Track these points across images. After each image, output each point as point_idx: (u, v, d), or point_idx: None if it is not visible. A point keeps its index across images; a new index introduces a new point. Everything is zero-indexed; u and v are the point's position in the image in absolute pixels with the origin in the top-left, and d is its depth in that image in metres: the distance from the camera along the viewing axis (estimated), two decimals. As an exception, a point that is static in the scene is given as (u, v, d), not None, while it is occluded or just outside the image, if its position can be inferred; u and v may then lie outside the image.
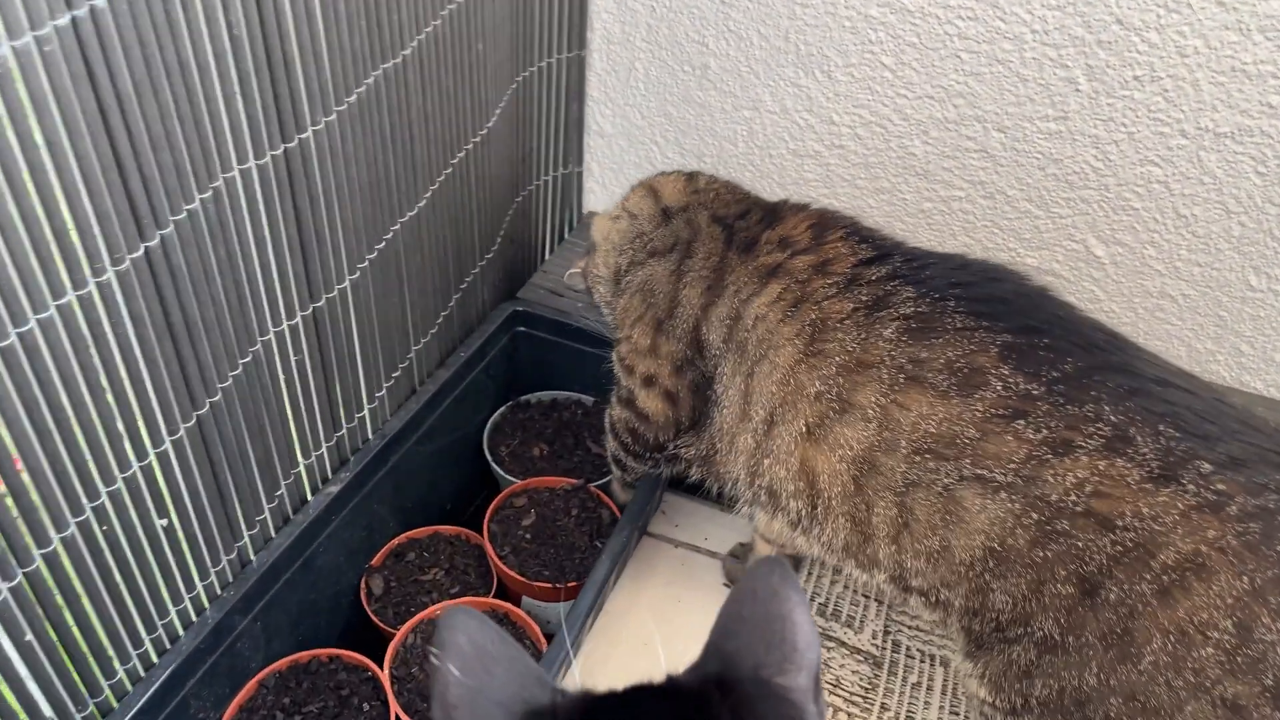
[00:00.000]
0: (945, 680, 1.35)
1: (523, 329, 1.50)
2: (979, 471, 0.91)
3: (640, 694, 0.56)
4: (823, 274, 1.02)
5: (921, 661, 1.36)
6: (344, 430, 1.21)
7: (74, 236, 0.76)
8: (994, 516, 0.91)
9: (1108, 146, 1.33)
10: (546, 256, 1.70)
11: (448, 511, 1.44)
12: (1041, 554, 0.89)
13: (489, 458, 1.43)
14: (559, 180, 1.65)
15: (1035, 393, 0.90)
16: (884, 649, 1.36)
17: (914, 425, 0.94)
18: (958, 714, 1.31)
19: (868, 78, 1.41)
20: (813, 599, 1.42)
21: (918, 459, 0.94)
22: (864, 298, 0.99)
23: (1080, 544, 0.87)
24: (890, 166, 1.47)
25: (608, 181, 1.70)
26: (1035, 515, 0.89)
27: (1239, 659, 0.82)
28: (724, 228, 1.12)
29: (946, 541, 0.94)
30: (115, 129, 0.76)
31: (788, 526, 1.08)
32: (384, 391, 1.27)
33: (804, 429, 1.00)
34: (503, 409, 1.50)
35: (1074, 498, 0.87)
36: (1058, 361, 0.91)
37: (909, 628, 1.40)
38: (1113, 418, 0.87)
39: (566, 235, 1.72)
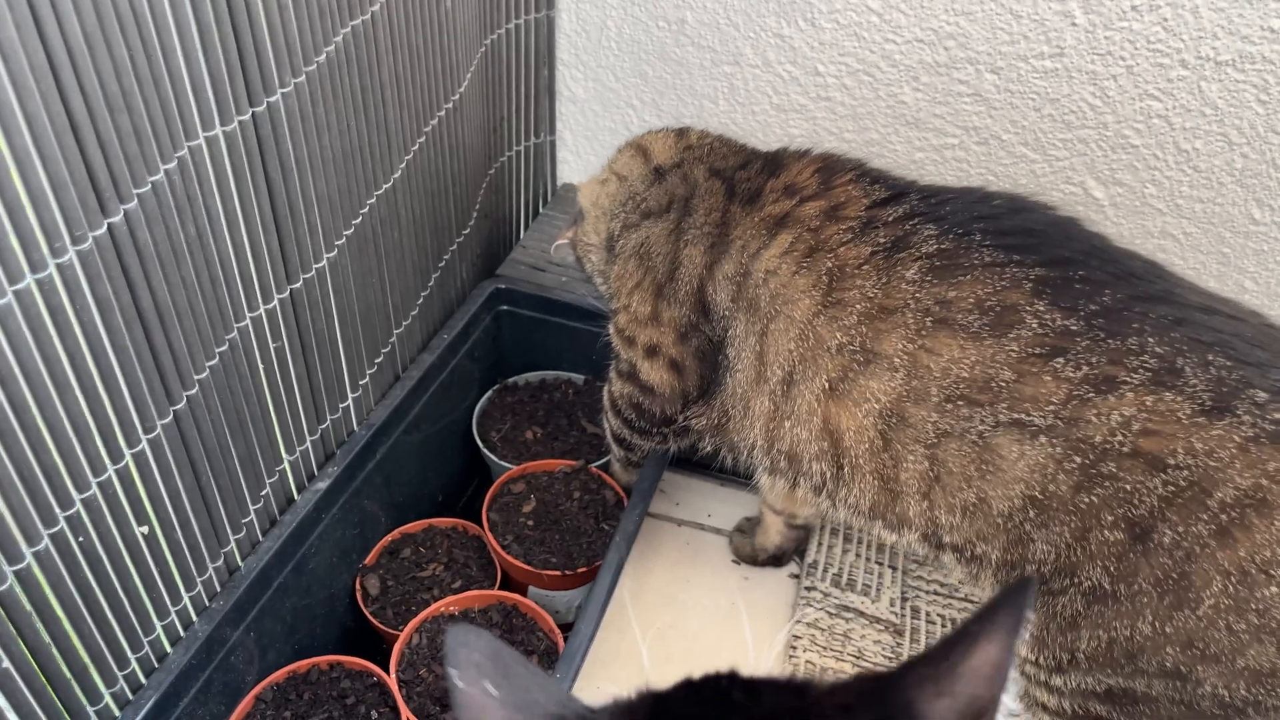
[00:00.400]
0: (969, 643, 1.30)
1: (505, 307, 1.43)
2: (1016, 416, 0.86)
3: (713, 691, 0.48)
4: (835, 219, 0.96)
5: (943, 626, 1.31)
6: (328, 422, 1.13)
7: (29, 211, 0.67)
8: (1033, 463, 0.85)
9: (1105, 82, 1.29)
10: (523, 232, 1.62)
11: (439, 503, 1.36)
12: (1087, 499, 0.84)
13: (480, 444, 1.36)
14: (531, 150, 1.57)
15: (1074, 328, 0.84)
16: (903, 616, 1.31)
17: (945, 371, 0.88)
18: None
19: (853, 24, 1.35)
20: (825, 570, 1.37)
21: (949, 407, 0.88)
22: (882, 240, 0.93)
23: (1129, 486, 0.82)
24: (879, 117, 1.42)
25: (582, 150, 1.63)
26: (1079, 459, 0.84)
27: None
28: (723, 180, 1.05)
29: (983, 493, 0.89)
30: (67, 85, 0.68)
31: (810, 492, 1.02)
32: (367, 379, 1.18)
33: (826, 385, 0.94)
34: (490, 393, 1.42)
35: (1120, 437, 0.82)
36: (1095, 294, 0.85)
37: (926, 592, 1.35)
38: (1158, 349, 0.82)
39: (542, 209, 1.64)
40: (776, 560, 1.38)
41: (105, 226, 0.74)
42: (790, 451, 1.00)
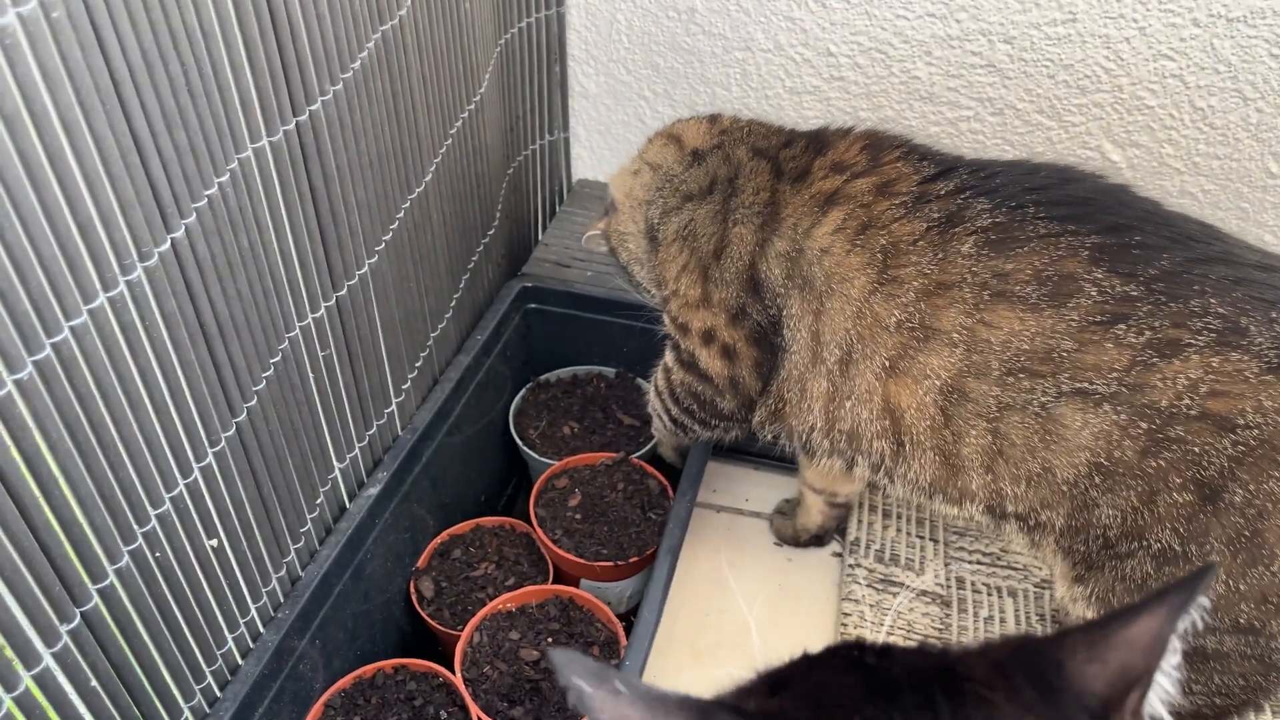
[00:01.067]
0: (1016, 611, 1.32)
1: (533, 306, 1.43)
2: (1079, 385, 0.86)
3: (874, 660, 0.48)
4: (887, 195, 0.95)
5: (990, 595, 1.32)
6: (375, 428, 1.13)
7: (100, 230, 0.68)
8: (1098, 431, 0.86)
9: (1119, 45, 1.30)
10: (543, 230, 1.62)
11: (483, 504, 1.37)
12: (1154, 464, 0.84)
13: (519, 442, 1.36)
14: (547, 148, 1.58)
15: (1134, 294, 0.84)
16: (949, 588, 1.32)
17: (1005, 344, 0.88)
18: (1035, 641, 1.28)
19: (864, 2, 1.36)
20: (867, 546, 1.38)
21: (1011, 380, 0.88)
22: (935, 215, 0.93)
23: (1197, 449, 0.82)
24: (893, 94, 1.43)
25: (596, 145, 1.63)
26: (1144, 425, 0.84)
27: None
28: (768, 159, 1.05)
29: (1047, 463, 0.89)
30: (130, 104, 0.68)
31: (869, 470, 1.02)
32: (409, 383, 1.19)
33: (885, 364, 0.94)
34: (523, 392, 1.43)
35: (1187, 401, 0.82)
36: (1153, 258, 0.85)
37: (969, 562, 1.36)
38: (1220, 310, 0.82)
39: (559, 206, 1.65)
40: (819, 540, 1.39)
41: (169, 242, 0.75)
42: (851, 431, 1.00)
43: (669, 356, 1.16)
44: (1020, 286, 0.88)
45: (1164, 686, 0.47)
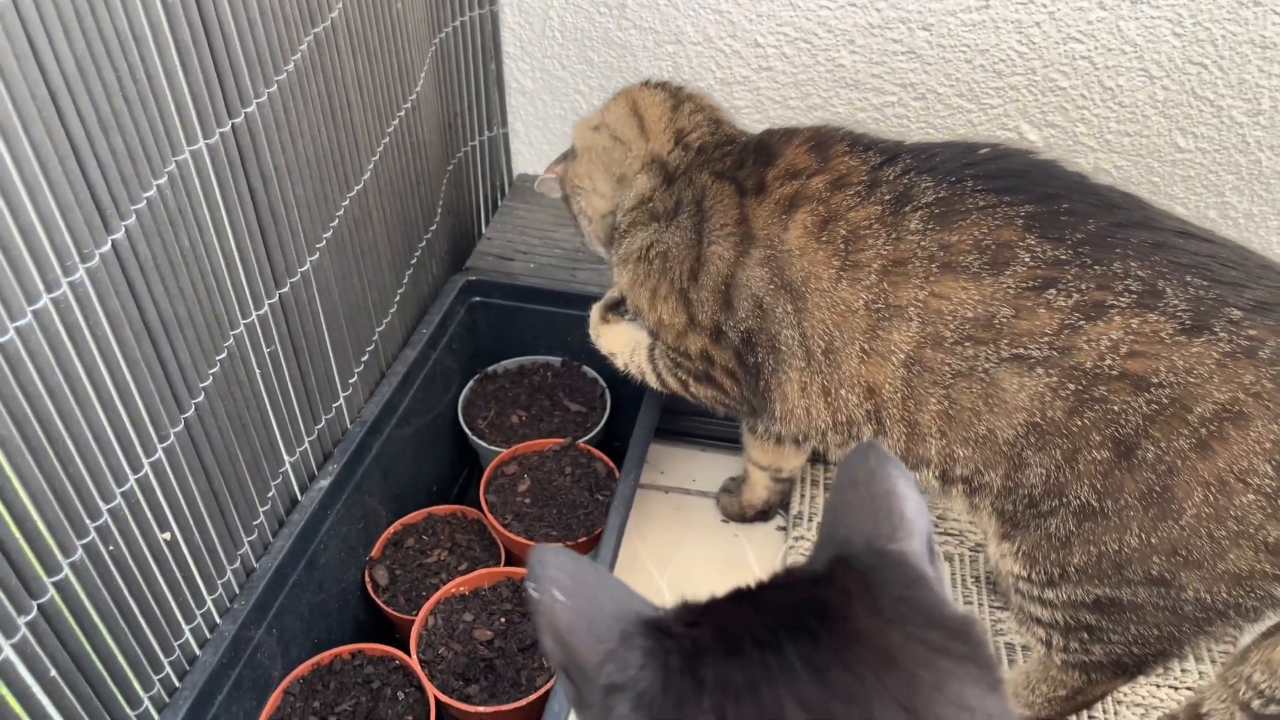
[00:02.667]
0: (953, 574, 1.37)
1: (478, 299, 1.46)
2: (1016, 351, 0.91)
3: (758, 587, 0.54)
4: (841, 188, 0.99)
5: (927, 559, 1.38)
6: (323, 421, 1.16)
7: (41, 234, 0.70)
8: (1033, 393, 0.90)
9: (1030, 29, 1.36)
10: (485, 224, 1.65)
11: (435, 494, 1.40)
12: (1079, 422, 0.89)
13: (468, 432, 1.39)
14: (486, 144, 1.61)
15: (1063, 257, 0.89)
16: (889, 554, 1.38)
17: (953, 314, 0.93)
18: (970, 603, 1.34)
19: (788, -6, 1.41)
20: (810, 519, 1.43)
21: (959, 349, 0.93)
22: (886, 197, 0.97)
23: (1116, 407, 0.87)
24: (820, 81, 1.48)
25: (535, 140, 1.67)
26: (1072, 386, 0.89)
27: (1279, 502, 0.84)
28: (729, 181, 1.07)
29: (991, 426, 0.94)
30: (66, 111, 0.71)
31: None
32: (356, 377, 1.22)
33: (862, 347, 0.98)
34: (471, 383, 1.46)
35: (1109, 361, 0.87)
36: (1080, 224, 0.90)
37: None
38: (1140, 272, 0.87)
39: (501, 201, 1.68)
40: (763, 515, 1.44)
41: (109, 243, 0.77)
42: (848, 419, 1.03)
43: (678, 375, 1.19)
44: (963, 256, 0.92)
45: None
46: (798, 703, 0.44)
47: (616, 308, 1.28)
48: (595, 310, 1.29)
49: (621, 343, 1.25)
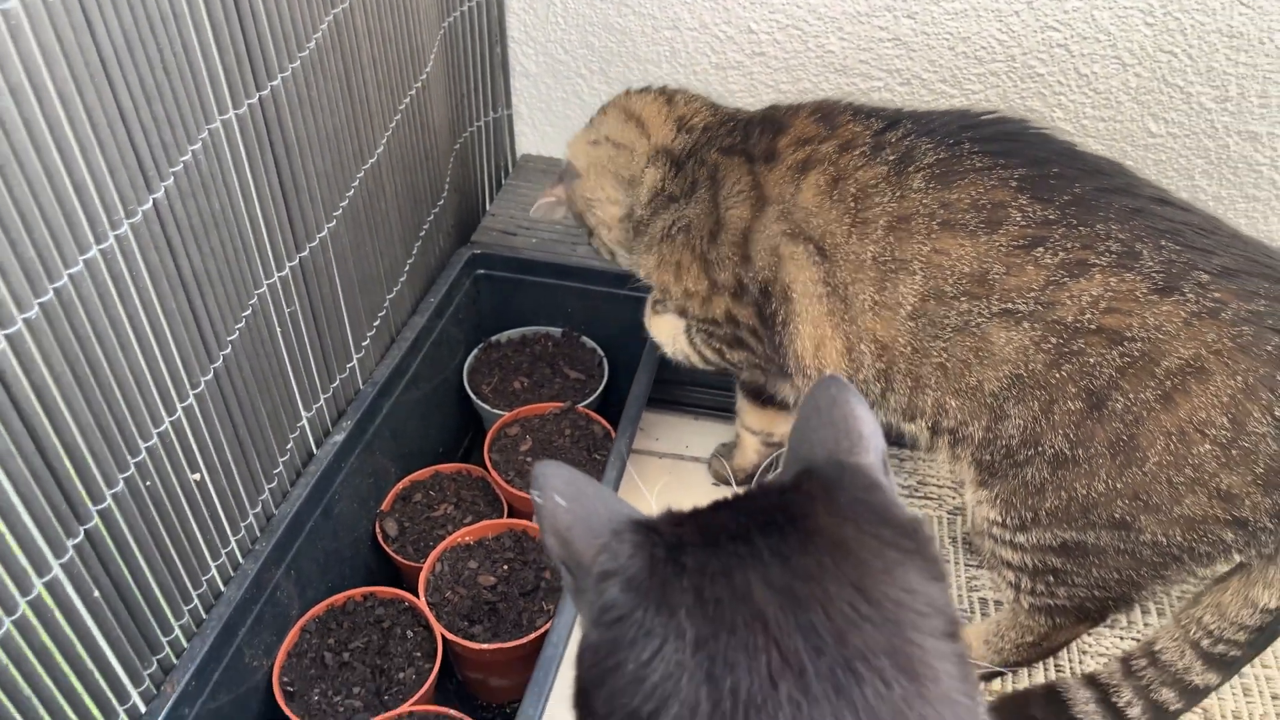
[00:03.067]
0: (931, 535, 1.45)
1: (482, 271, 1.54)
2: (1005, 306, 0.97)
3: (734, 497, 0.62)
4: (849, 151, 1.06)
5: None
6: (338, 381, 1.24)
7: (92, 190, 0.78)
8: (1019, 346, 0.97)
9: (1009, 18, 1.43)
10: (490, 201, 1.73)
11: (441, 454, 1.47)
12: (1057, 374, 0.96)
13: (473, 396, 1.47)
14: (491, 125, 1.68)
15: (1051, 217, 0.96)
16: (871, 516, 1.45)
17: (952, 268, 0.99)
18: (948, 561, 1.41)
19: (780, -17, 1.48)
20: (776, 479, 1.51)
21: (957, 303, 0.99)
22: (890, 158, 1.04)
23: (1092, 359, 0.94)
24: (810, 67, 1.55)
25: (537, 122, 1.74)
26: (1054, 339, 0.95)
27: (1233, 452, 0.91)
28: (739, 154, 1.14)
29: (980, 378, 1.01)
30: (115, 80, 0.78)
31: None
32: (368, 341, 1.29)
33: (872, 300, 1.04)
34: (476, 351, 1.54)
35: (1088, 316, 0.94)
36: (1068, 186, 0.97)
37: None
38: (1120, 234, 0.94)
39: (505, 180, 1.75)
40: (753, 478, 1.52)
41: (150, 202, 0.85)
42: (864, 379, 1.08)
43: (711, 345, 1.25)
44: (961, 214, 0.99)
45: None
46: (765, 583, 0.51)
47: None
48: (647, 303, 1.35)
49: (667, 331, 1.31)
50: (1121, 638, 1.31)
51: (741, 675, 0.48)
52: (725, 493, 0.64)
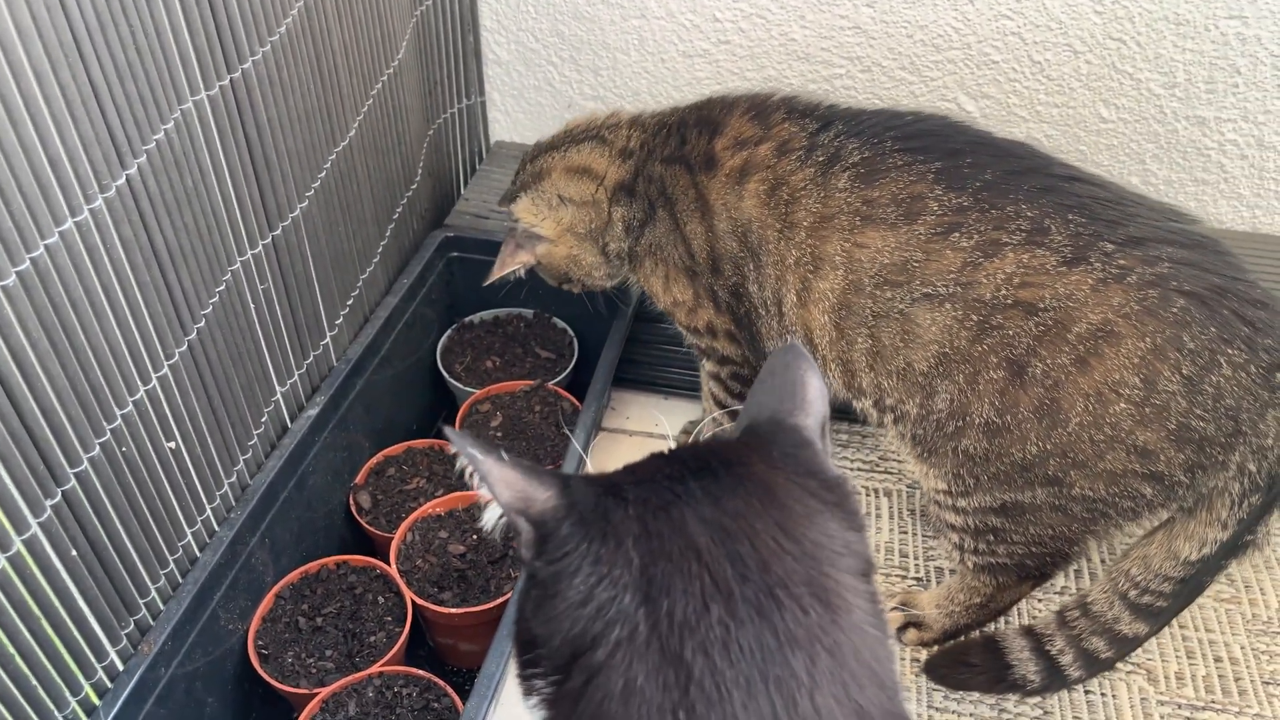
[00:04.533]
0: (891, 507, 1.49)
1: (455, 254, 1.58)
2: (926, 290, 1.03)
3: (674, 449, 0.66)
4: (785, 154, 1.11)
5: (869, 496, 1.50)
6: (311, 358, 1.27)
7: (67, 165, 0.81)
8: (942, 326, 1.03)
9: (965, 6, 1.47)
10: (464, 186, 1.77)
11: (414, 431, 1.51)
12: (980, 348, 1.01)
13: (445, 375, 1.51)
14: (465, 112, 1.72)
15: (965, 204, 1.01)
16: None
17: (873, 260, 1.04)
18: (905, 533, 1.46)
19: (743, -28, 1.52)
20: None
21: (878, 292, 1.05)
22: (820, 159, 1.09)
23: (1011, 331, 0.99)
24: (774, 54, 1.59)
25: (510, 109, 1.78)
26: (975, 316, 1.01)
27: (1146, 410, 0.96)
28: (679, 163, 1.18)
29: (909, 359, 1.06)
30: (88, 57, 0.82)
31: None
32: (341, 319, 1.33)
33: (795, 297, 1.10)
34: (449, 331, 1.58)
35: (1004, 292, 0.99)
36: (980, 173, 1.02)
37: (850, 469, 1.54)
38: (1029, 213, 0.99)
39: (478, 165, 1.79)
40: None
41: (124, 177, 0.88)
42: None
43: (709, 366, 1.32)
44: (882, 209, 1.04)
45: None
46: (698, 518, 0.56)
47: None
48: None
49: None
50: (1062, 592, 1.36)
51: (678, 598, 0.53)
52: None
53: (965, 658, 1.18)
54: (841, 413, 1.38)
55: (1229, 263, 0.99)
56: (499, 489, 0.60)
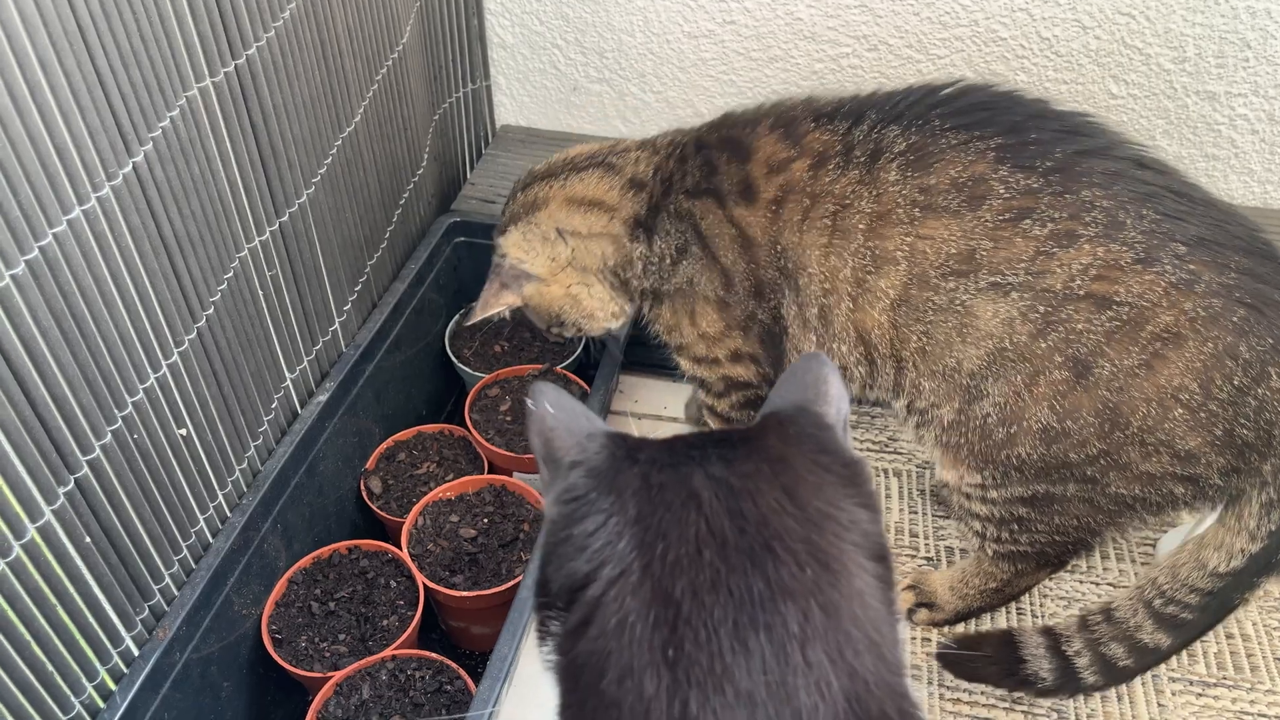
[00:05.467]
0: (900, 488, 1.49)
1: (462, 239, 1.58)
2: (994, 279, 0.98)
3: (703, 430, 0.66)
4: (822, 168, 1.04)
5: (879, 476, 1.50)
6: (320, 344, 1.28)
7: (74, 153, 0.81)
8: (1005, 318, 0.98)
9: (972, -17, 1.46)
10: (470, 171, 1.76)
11: (424, 416, 1.51)
12: (1042, 345, 0.97)
13: (454, 360, 1.51)
14: (470, 96, 1.72)
15: (1035, 186, 0.96)
16: (843, 471, 1.50)
17: (938, 251, 0.99)
18: (915, 513, 1.46)
19: (748, -49, 1.51)
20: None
21: (943, 283, 1.00)
22: (861, 158, 1.02)
23: (1079, 326, 0.95)
24: (780, 34, 1.58)
25: (515, 93, 1.77)
26: (1042, 307, 0.96)
27: (1201, 415, 0.95)
28: (708, 195, 1.11)
29: (959, 357, 1.02)
30: (93, 45, 0.82)
31: (857, 391, 1.14)
32: (350, 305, 1.33)
33: (851, 303, 1.05)
34: (457, 316, 1.58)
35: (1078, 283, 0.95)
36: (1048, 152, 0.96)
37: (860, 449, 1.54)
38: (1104, 203, 0.94)
39: (484, 149, 1.78)
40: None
41: (131, 165, 0.88)
42: (841, 367, 1.11)
43: (706, 398, 1.25)
44: (942, 197, 0.99)
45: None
46: (705, 475, 0.57)
47: None
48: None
49: None
50: (1080, 580, 1.36)
51: (672, 543, 0.54)
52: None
53: (980, 646, 1.18)
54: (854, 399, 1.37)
55: None
56: (532, 436, 0.64)
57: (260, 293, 1.13)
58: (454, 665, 1.12)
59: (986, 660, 1.16)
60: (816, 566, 0.53)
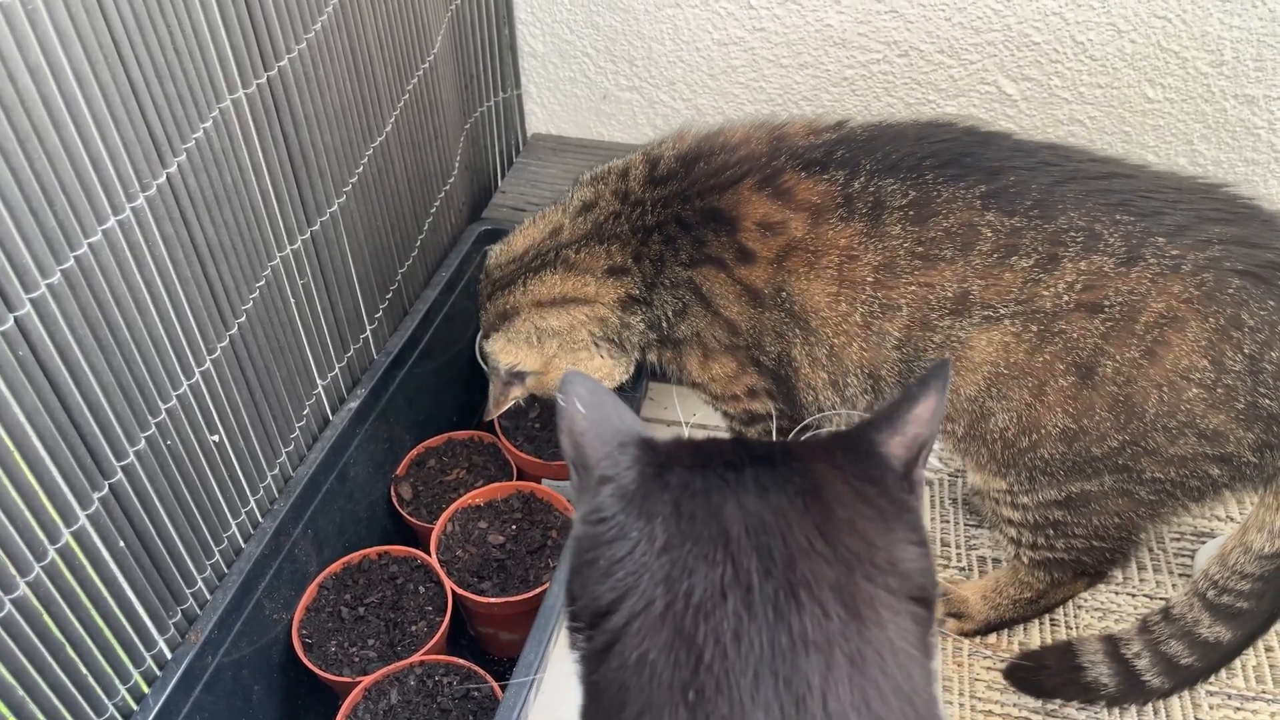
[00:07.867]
0: (932, 496, 1.48)
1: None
2: (986, 314, 1.01)
3: (752, 439, 0.65)
4: (823, 220, 1.05)
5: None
6: (352, 351, 1.29)
7: (108, 164, 0.83)
8: (998, 344, 1.01)
9: (1004, -13, 1.45)
10: (501, 179, 1.77)
11: (454, 422, 1.52)
12: (1040, 359, 1.00)
13: (484, 366, 1.52)
14: (501, 105, 1.73)
15: (1018, 225, 1.00)
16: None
17: (937, 297, 1.03)
18: (947, 522, 1.45)
19: (777, -42, 1.51)
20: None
21: (940, 323, 1.03)
22: (863, 210, 1.04)
23: (1075, 335, 0.98)
24: (810, 41, 1.58)
25: (546, 101, 1.78)
26: (1035, 326, 0.99)
27: (1218, 391, 0.95)
28: (707, 264, 1.11)
29: (955, 385, 1.05)
30: (127, 59, 0.83)
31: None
32: (381, 313, 1.34)
33: (861, 345, 1.08)
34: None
35: (1066, 298, 0.98)
36: (1025, 192, 1.00)
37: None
38: (1080, 222, 0.98)
39: (515, 159, 1.79)
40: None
41: (164, 176, 0.90)
42: (850, 397, 1.13)
43: (733, 425, 1.27)
44: (938, 248, 1.02)
45: (932, 452, 0.63)
46: (738, 506, 0.56)
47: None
48: None
49: None
50: (1116, 591, 1.34)
51: (697, 582, 0.53)
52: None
53: (1041, 659, 1.17)
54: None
55: (1277, 232, 0.98)
56: (562, 436, 0.62)
57: (292, 300, 1.15)
58: (481, 671, 1.12)
59: (1049, 673, 1.15)
60: (844, 614, 0.52)
